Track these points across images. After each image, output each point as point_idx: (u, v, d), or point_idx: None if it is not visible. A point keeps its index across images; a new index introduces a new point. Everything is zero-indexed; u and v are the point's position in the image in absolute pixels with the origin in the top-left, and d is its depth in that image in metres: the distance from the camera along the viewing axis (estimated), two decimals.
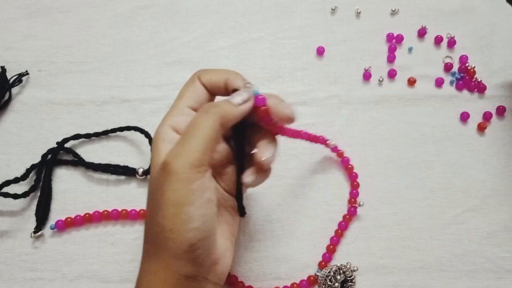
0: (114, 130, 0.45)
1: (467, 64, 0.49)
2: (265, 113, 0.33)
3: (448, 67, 0.49)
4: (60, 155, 0.46)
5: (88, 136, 0.45)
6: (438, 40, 0.50)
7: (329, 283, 0.40)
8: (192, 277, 0.31)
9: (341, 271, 0.40)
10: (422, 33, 0.50)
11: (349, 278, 0.40)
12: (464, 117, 0.47)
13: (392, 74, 0.49)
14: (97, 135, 0.45)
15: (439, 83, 0.49)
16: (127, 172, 0.44)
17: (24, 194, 0.43)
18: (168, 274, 0.30)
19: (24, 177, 0.43)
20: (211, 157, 0.31)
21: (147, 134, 0.45)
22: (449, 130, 0.47)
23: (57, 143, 0.45)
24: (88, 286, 0.41)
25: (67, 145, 0.45)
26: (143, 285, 0.31)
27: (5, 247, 0.42)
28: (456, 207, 0.44)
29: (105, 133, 0.45)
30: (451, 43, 0.50)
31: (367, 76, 0.49)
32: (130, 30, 0.51)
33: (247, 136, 0.35)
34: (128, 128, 0.45)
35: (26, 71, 0.48)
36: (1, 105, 0.47)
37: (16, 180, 0.43)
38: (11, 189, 0.43)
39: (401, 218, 0.43)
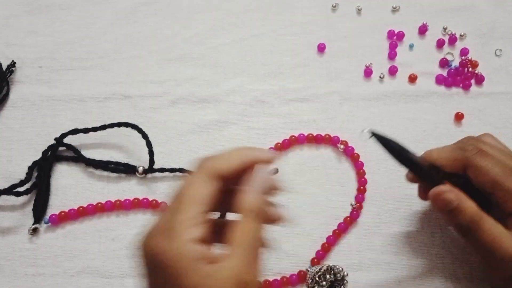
0: (111, 125, 0.45)
1: (468, 56, 0.49)
2: None
3: (447, 62, 0.49)
4: (61, 152, 0.46)
5: (85, 130, 0.44)
6: (439, 39, 0.50)
7: (317, 279, 0.40)
8: None
9: (332, 272, 0.40)
10: (423, 30, 0.51)
11: (339, 281, 0.40)
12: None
13: (393, 71, 0.49)
14: (94, 129, 0.45)
15: (440, 79, 0.49)
16: (127, 169, 0.44)
17: (26, 192, 0.43)
18: None
19: (28, 178, 0.43)
20: None
21: (144, 135, 0.44)
22: (450, 126, 0.47)
23: (55, 139, 0.45)
24: (89, 282, 0.41)
25: (68, 141, 0.45)
26: None
27: (6, 242, 0.42)
28: None
29: (103, 127, 0.45)
30: (452, 40, 0.50)
31: (368, 72, 0.49)
32: (132, 26, 0.51)
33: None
34: (126, 125, 0.44)
35: (13, 60, 0.48)
36: (0, 99, 0.47)
37: (21, 183, 0.43)
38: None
39: (402, 214, 0.43)
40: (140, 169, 0.44)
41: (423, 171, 0.36)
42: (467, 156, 0.36)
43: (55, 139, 0.45)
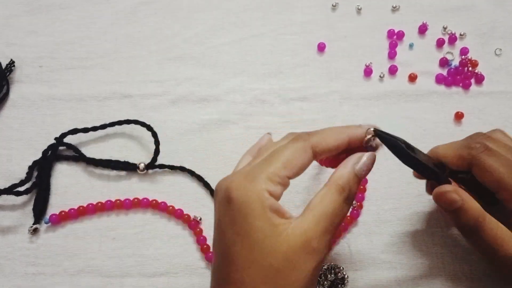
0: (112, 124, 0.45)
1: (468, 55, 0.49)
2: None
3: (447, 62, 0.49)
4: (62, 151, 0.46)
5: (85, 130, 0.45)
6: (439, 38, 0.50)
7: (318, 279, 0.39)
8: None
9: (333, 271, 0.40)
10: (423, 29, 0.51)
11: (339, 280, 0.40)
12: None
13: (393, 70, 0.49)
14: (94, 129, 0.45)
15: (439, 79, 0.49)
16: (128, 167, 0.44)
17: (26, 191, 0.43)
18: None
19: (28, 177, 0.43)
20: None
21: (149, 127, 0.45)
22: (450, 126, 0.47)
23: (55, 138, 0.45)
24: (89, 281, 0.41)
25: (69, 141, 0.45)
26: None
27: (6, 242, 0.42)
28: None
29: (103, 127, 0.45)
30: (452, 39, 0.50)
31: (368, 72, 0.49)
32: (132, 26, 0.51)
33: None
34: (128, 122, 0.45)
35: (11, 59, 0.48)
36: (0, 98, 0.47)
37: (22, 183, 0.43)
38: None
39: (402, 213, 0.43)
40: (141, 166, 0.44)
41: (427, 171, 0.36)
42: (473, 154, 0.35)
43: (55, 138, 0.45)
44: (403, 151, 0.34)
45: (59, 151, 0.45)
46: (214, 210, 0.31)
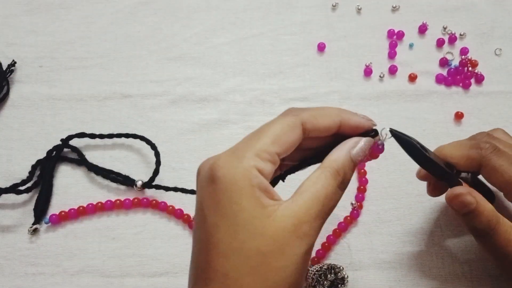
0: (119, 135, 0.45)
1: (468, 55, 0.49)
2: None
3: (447, 61, 0.49)
4: (65, 153, 0.45)
5: (92, 136, 0.45)
6: (439, 38, 0.50)
7: (318, 278, 0.39)
8: None
9: (332, 271, 0.40)
10: (423, 29, 0.51)
11: (339, 280, 0.40)
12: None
13: (393, 70, 0.49)
14: (101, 136, 0.44)
15: (439, 79, 0.49)
16: (126, 181, 0.44)
17: (27, 190, 0.43)
18: None
19: (30, 177, 0.43)
20: None
21: (153, 146, 0.44)
22: (450, 126, 0.47)
23: (62, 140, 0.45)
24: (89, 281, 0.41)
25: (74, 141, 0.45)
26: None
27: (6, 241, 0.42)
28: None
29: (110, 136, 0.45)
30: (452, 39, 0.50)
31: (368, 72, 0.49)
32: (132, 26, 0.51)
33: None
34: (134, 136, 0.44)
35: (13, 60, 0.48)
36: (0, 98, 0.47)
37: (23, 183, 0.43)
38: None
39: (402, 213, 0.43)
40: (139, 184, 0.43)
41: (441, 172, 0.35)
42: (483, 155, 0.34)
43: (62, 140, 0.45)
44: (419, 151, 0.33)
45: (63, 153, 0.45)
46: (196, 193, 0.29)
